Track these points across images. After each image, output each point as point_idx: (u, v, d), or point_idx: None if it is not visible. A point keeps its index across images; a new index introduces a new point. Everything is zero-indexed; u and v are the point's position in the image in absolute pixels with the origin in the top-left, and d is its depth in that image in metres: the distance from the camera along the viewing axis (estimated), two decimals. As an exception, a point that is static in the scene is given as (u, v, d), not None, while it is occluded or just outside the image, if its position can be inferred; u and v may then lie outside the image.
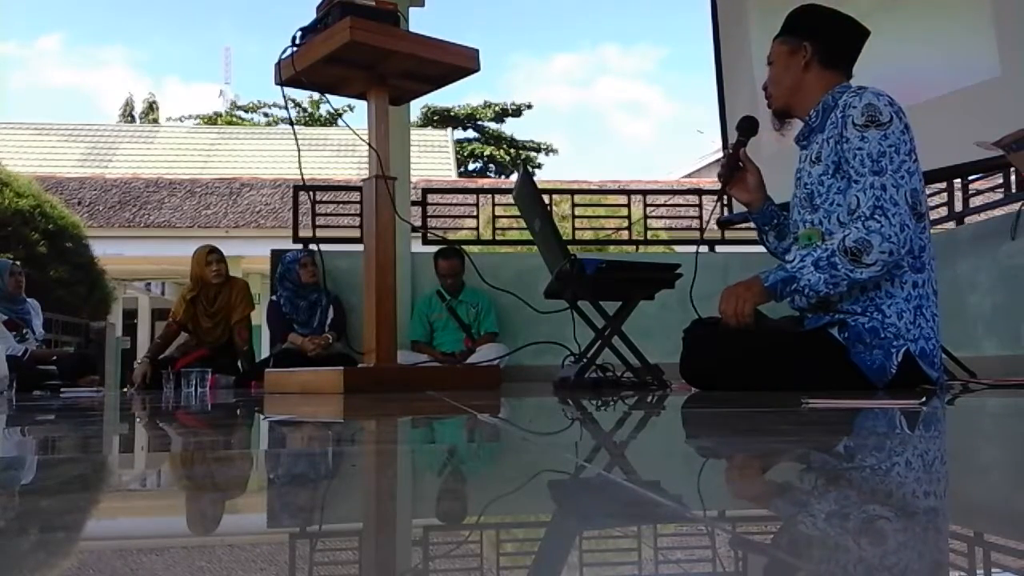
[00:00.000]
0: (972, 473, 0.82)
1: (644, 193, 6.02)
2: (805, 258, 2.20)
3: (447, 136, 21.84)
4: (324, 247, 4.60)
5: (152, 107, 29.73)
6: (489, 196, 5.90)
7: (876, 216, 2.13)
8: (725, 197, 5.48)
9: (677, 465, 0.90)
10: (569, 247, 3.04)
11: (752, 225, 2.68)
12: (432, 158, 19.39)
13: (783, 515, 0.60)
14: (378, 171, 3.14)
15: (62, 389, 4.31)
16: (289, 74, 3.12)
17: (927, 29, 4.10)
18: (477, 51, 3.18)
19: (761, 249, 2.76)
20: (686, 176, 18.64)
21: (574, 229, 6.09)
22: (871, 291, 2.24)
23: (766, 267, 2.33)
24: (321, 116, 26.04)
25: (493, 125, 27.37)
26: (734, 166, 2.54)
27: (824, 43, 2.36)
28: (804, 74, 2.37)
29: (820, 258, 2.17)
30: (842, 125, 2.22)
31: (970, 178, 4.56)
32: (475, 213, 5.71)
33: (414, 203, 5.54)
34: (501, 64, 55.97)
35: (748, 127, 2.53)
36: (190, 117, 28.61)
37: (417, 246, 5.52)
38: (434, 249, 5.23)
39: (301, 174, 3.33)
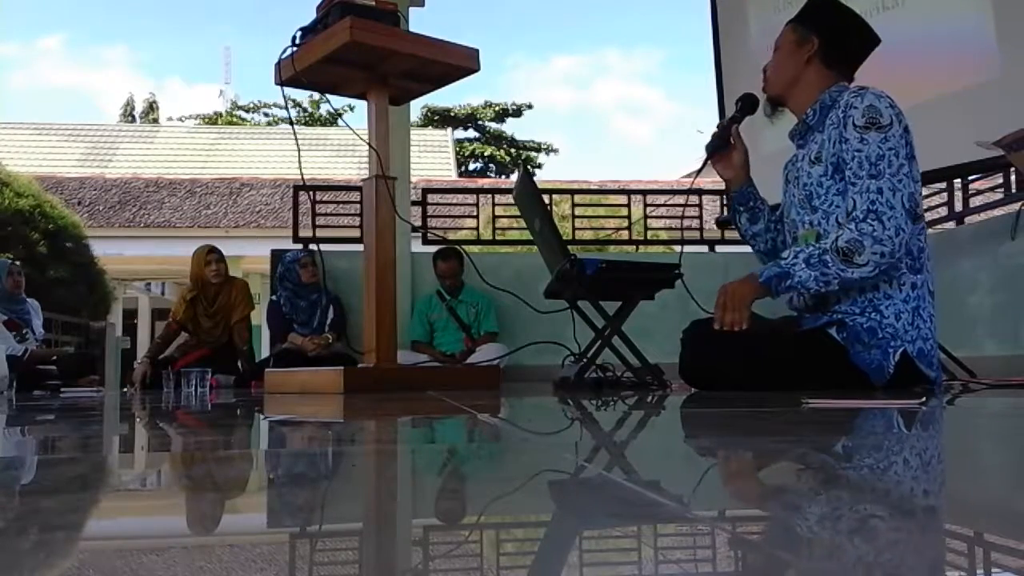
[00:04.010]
0: (971, 473, 0.82)
1: (644, 193, 6.03)
2: (798, 255, 2.21)
3: (447, 136, 21.84)
4: (324, 247, 4.59)
5: (152, 107, 29.74)
6: (489, 196, 5.90)
7: (869, 219, 2.13)
8: (725, 196, 5.49)
9: (677, 465, 0.90)
10: (569, 247, 3.04)
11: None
12: (432, 158, 19.38)
13: (783, 515, 0.60)
14: (378, 171, 3.14)
15: (62, 389, 4.31)
16: (289, 74, 3.11)
17: (927, 29, 4.10)
18: (477, 51, 3.18)
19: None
20: (686, 176, 18.67)
21: (574, 229, 6.09)
22: (869, 292, 2.24)
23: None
24: (321, 116, 26.04)
25: (493, 125, 27.37)
26: (724, 140, 2.53)
27: (832, 41, 2.35)
28: (805, 67, 2.36)
29: (812, 255, 2.18)
30: (842, 125, 2.22)
31: (970, 178, 4.56)
32: (475, 213, 5.71)
33: (414, 203, 5.54)
34: (501, 64, 55.91)
35: (748, 104, 2.52)
36: (190, 117, 28.64)
37: (417, 246, 5.52)
38: (434, 249, 5.24)
39: (301, 174, 3.33)
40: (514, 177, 23.04)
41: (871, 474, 0.78)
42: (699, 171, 2.67)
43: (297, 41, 3.10)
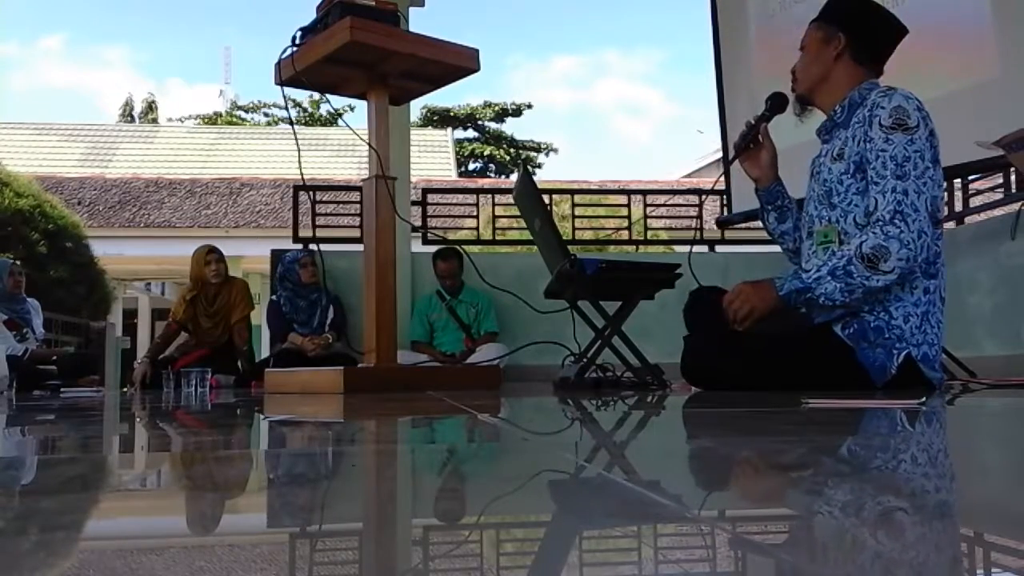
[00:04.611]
0: (971, 472, 0.82)
1: (644, 193, 6.03)
2: (821, 268, 2.18)
3: (447, 136, 21.84)
4: (324, 247, 4.59)
5: (151, 107, 29.75)
6: (489, 196, 5.91)
7: (895, 221, 2.10)
8: (725, 197, 5.48)
9: (677, 465, 0.90)
10: (569, 247, 3.04)
11: (752, 224, 2.66)
12: (432, 158, 19.39)
13: (783, 515, 0.60)
14: (378, 171, 3.14)
15: (62, 389, 4.31)
16: (289, 74, 3.11)
17: (926, 28, 4.10)
18: (477, 51, 3.18)
19: (761, 249, 2.76)
20: (686, 176, 18.67)
21: (574, 229, 6.09)
22: (881, 293, 2.23)
23: (767, 267, 2.32)
24: (321, 116, 26.05)
25: (493, 125, 27.39)
26: (752, 139, 2.51)
27: (859, 37, 2.33)
28: (833, 65, 2.34)
29: (837, 267, 2.15)
30: (868, 124, 2.19)
31: (970, 178, 4.56)
32: (475, 213, 5.71)
33: (414, 203, 5.55)
34: (501, 64, 55.97)
35: (778, 104, 2.49)
36: (190, 117, 28.65)
37: (417, 246, 5.52)
38: (434, 249, 5.24)
39: (301, 174, 3.33)
40: (514, 177, 23.04)
41: (871, 474, 0.78)
42: (727, 168, 2.65)
43: (297, 41, 3.11)
